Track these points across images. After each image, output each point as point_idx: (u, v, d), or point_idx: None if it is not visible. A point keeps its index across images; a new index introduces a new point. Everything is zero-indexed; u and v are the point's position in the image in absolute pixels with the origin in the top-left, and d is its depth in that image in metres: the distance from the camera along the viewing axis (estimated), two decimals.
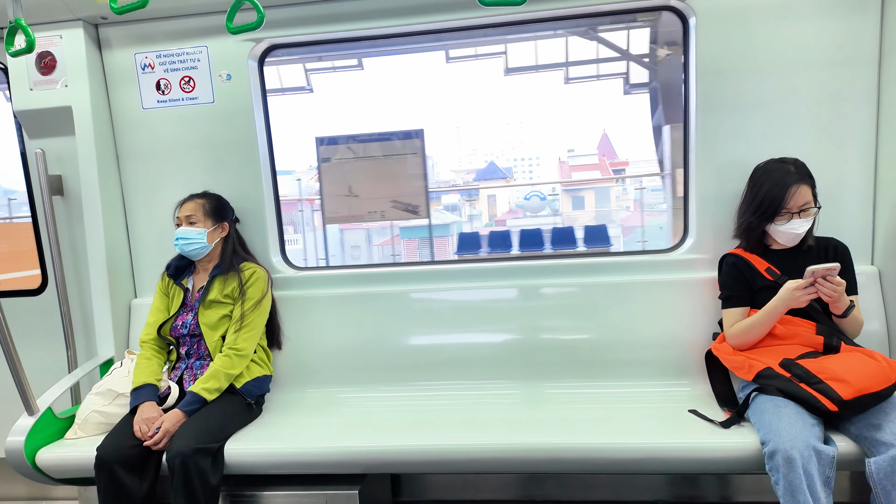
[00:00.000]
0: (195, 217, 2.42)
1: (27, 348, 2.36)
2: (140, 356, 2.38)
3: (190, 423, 2.13)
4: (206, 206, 2.45)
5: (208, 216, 2.44)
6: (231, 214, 2.56)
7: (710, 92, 2.40)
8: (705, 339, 2.40)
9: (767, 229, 2.17)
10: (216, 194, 2.54)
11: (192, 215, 2.42)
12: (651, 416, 2.21)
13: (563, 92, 35.82)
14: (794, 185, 2.10)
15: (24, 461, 2.16)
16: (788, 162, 2.16)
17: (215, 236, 2.45)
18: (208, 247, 2.43)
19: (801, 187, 2.10)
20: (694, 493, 2.63)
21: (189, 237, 2.40)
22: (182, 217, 2.43)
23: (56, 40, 2.56)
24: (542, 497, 2.66)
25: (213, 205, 2.48)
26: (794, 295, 1.98)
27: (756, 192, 2.18)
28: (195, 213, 2.42)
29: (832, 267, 1.93)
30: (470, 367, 2.58)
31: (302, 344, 2.64)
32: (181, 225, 2.43)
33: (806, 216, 2.10)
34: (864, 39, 2.32)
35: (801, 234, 2.12)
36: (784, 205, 2.09)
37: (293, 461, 2.13)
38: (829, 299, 1.99)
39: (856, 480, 2.44)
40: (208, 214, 2.44)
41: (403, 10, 2.51)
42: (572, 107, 43.21)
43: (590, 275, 2.58)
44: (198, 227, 2.41)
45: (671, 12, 2.48)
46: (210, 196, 2.51)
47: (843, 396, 1.81)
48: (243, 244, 2.59)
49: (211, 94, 2.64)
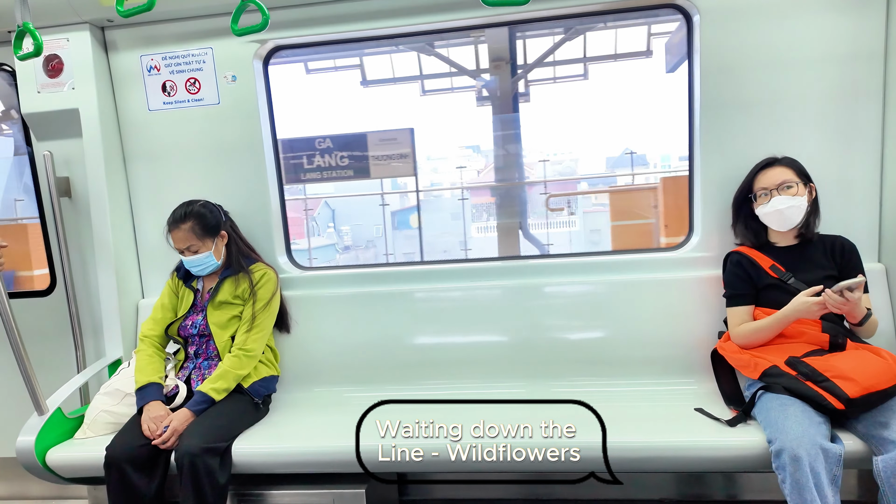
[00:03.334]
0: (194, 245, 2.34)
1: (36, 349, 2.38)
2: (140, 352, 2.38)
3: (198, 422, 2.14)
4: (196, 229, 2.34)
5: (205, 237, 2.36)
6: (222, 218, 2.47)
7: (714, 90, 2.39)
8: (711, 337, 2.40)
9: (759, 214, 2.18)
10: (198, 206, 2.40)
11: (191, 245, 2.34)
12: (657, 414, 2.21)
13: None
14: (765, 167, 2.18)
15: (35, 461, 2.18)
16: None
17: (220, 248, 2.43)
18: (220, 261, 2.42)
19: (776, 168, 2.16)
20: (700, 491, 2.63)
21: (198, 263, 2.37)
22: (181, 248, 2.36)
23: (63, 43, 2.58)
24: (549, 496, 2.67)
25: (203, 223, 2.36)
26: (807, 306, 1.97)
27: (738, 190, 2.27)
28: (192, 243, 2.34)
29: (855, 282, 1.89)
30: (475, 365, 2.58)
31: (308, 343, 2.65)
32: (182, 253, 2.37)
33: (788, 193, 2.10)
34: (869, 36, 2.30)
35: (786, 212, 2.10)
36: (755, 184, 2.16)
37: (300, 460, 2.14)
38: (841, 312, 1.97)
39: (863, 479, 2.43)
40: (203, 235, 2.36)
41: (406, 11, 2.51)
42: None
43: (595, 273, 2.58)
44: (201, 252, 2.36)
45: (675, 10, 2.48)
46: (193, 214, 2.36)
47: (850, 394, 1.80)
48: (244, 241, 2.55)
49: (216, 95, 2.65)
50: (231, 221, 2.54)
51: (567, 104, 8.19)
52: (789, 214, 2.11)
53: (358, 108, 8.52)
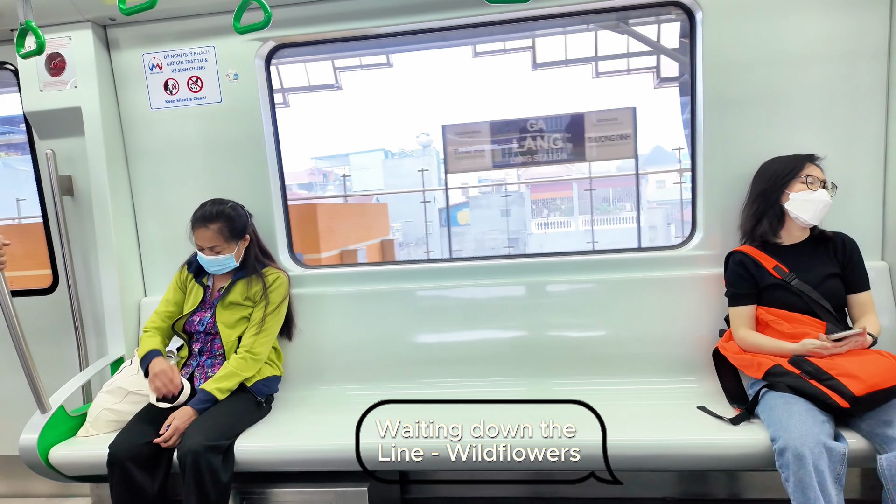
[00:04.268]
0: (218, 247, 2.32)
1: (39, 347, 2.38)
2: (142, 339, 2.40)
3: (200, 420, 2.15)
4: (224, 231, 2.32)
5: (231, 239, 2.34)
6: (248, 221, 2.46)
7: (717, 87, 2.39)
8: (713, 335, 2.39)
9: (795, 198, 2.10)
10: (228, 208, 2.38)
11: (215, 246, 2.32)
12: (659, 412, 2.20)
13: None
14: (808, 160, 2.13)
15: (38, 459, 2.18)
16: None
17: (241, 250, 2.42)
18: (237, 262, 2.42)
19: (816, 167, 2.12)
20: (703, 490, 2.62)
21: (218, 264, 2.36)
22: (203, 246, 2.33)
23: (65, 42, 2.58)
24: (551, 495, 2.67)
25: (231, 226, 2.34)
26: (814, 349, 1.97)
27: (764, 175, 2.19)
28: (217, 244, 2.32)
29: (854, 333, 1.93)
30: (478, 364, 2.58)
31: (311, 342, 2.65)
32: (203, 250, 2.34)
33: (830, 192, 2.09)
34: (872, 32, 2.30)
35: (823, 209, 2.08)
36: (801, 169, 2.10)
37: (303, 458, 2.14)
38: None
39: (867, 477, 2.43)
40: (230, 238, 2.34)
41: (409, 9, 2.51)
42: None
43: (597, 272, 2.58)
44: (224, 254, 2.34)
45: (678, 7, 2.47)
46: (224, 216, 2.34)
47: (856, 392, 1.80)
48: (262, 244, 2.53)
49: (218, 93, 2.65)
50: (253, 224, 2.53)
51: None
52: (823, 211, 2.09)
53: (523, 92, 8.48)
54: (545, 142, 4.47)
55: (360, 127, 9.45)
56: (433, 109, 9.18)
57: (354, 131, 9.95)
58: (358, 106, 8.35)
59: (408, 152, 8.25)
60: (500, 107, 10.69)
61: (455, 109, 8.43)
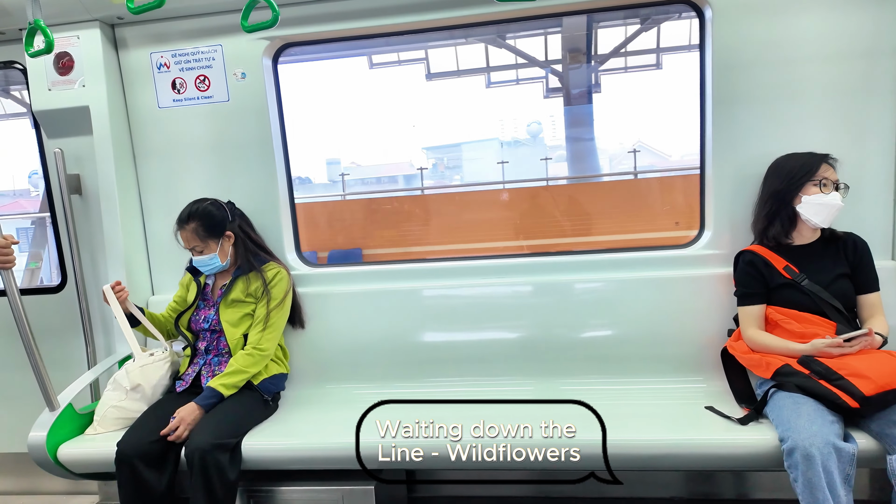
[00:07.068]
0: (198, 246, 2.36)
1: (48, 345, 2.40)
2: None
3: (208, 418, 2.15)
4: (199, 230, 2.35)
5: (208, 238, 2.36)
6: (228, 217, 2.44)
7: (726, 85, 2.37)
8: (721, 335, 2.38)
9: (808, 201, 2.08)
10: (203, 207, 2.40)
11: (195, 246, 2.36)
12: (667, 412, 2.19)
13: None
14: (823, 160, 2.10)
15: (46, 456, 2.19)
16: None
17: (226, 248, 2.42)
18: (226, 262, 2.43)
19: (830, 167, 2.10)
20: (711, 489, 2.61)
21: (205, 264, 2.39)
22: (186, 247, 2.40)
23: (74, 41, 2.59)
24: (558, 494, 2.66)
25: (205, 224, 2.36)
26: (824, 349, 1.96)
27: (777, 173, 2.17)
28: (196, 243, 2.36)
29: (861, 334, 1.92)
30: (485, 363, 2.58)
31: (318, 340, 2.65)
32: (191, 251, 2.40)
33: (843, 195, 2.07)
34: (883, 31, 2.28)
35: (835, 212, 2.06)
36: (816, 171, 2.07)
37: (309, 457, 2.15)
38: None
39: (876, 478, 2.41)
40: (207, 237, 2.36)
41: (418, 7, 2.50)
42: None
43: (605, 270, 2.57)
44: (206, 253, 2.37)
45: (687, 6, 2.46)
46: (197, 215, 2.36)
47: (866, 392, 1.79)
48: (254, 239, 2.53)
49: (226, 92, 2.65)
50: (241, 220, 2.52)
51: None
52: (834, 214, 2.08)
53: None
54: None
55: (473, 115, 9.20)
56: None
57: (467, 120, 9.61)
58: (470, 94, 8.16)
59: (521, 141, 8.12)
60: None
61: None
